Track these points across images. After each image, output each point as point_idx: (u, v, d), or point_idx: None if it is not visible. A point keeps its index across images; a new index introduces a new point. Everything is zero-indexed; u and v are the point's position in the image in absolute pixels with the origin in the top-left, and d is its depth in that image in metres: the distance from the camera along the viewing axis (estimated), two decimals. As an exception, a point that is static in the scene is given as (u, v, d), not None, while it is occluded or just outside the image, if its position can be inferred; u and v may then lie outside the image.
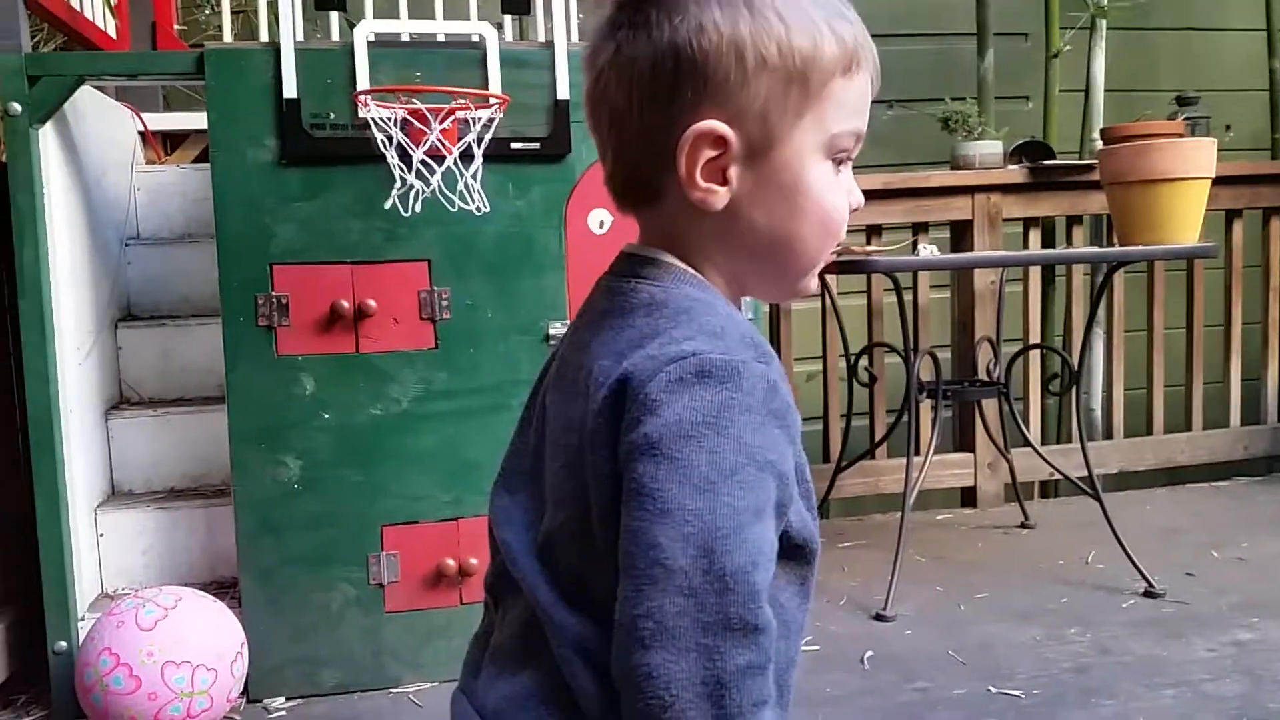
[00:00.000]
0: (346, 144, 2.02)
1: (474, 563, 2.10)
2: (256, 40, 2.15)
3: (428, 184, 1.97)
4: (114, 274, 2.42)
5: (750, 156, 0.72)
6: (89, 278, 2.24)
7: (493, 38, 2.05)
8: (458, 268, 2.09)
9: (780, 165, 0.72)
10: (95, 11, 2.56)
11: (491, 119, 1.99)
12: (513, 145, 2.07)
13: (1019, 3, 3.75)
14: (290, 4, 1.99)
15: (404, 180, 1.97)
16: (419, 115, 1.93)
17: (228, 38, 2.35)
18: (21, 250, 1.97)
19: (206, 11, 3.20)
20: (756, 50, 0.69)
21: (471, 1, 2.24)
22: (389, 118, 1.94)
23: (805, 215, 0.73)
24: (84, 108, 2.23)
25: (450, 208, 2.00)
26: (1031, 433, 3.14)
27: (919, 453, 2.63)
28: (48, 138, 2.02)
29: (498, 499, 0.79)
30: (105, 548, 2.21)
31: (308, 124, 2.01)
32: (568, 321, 1.63)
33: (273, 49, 2.00)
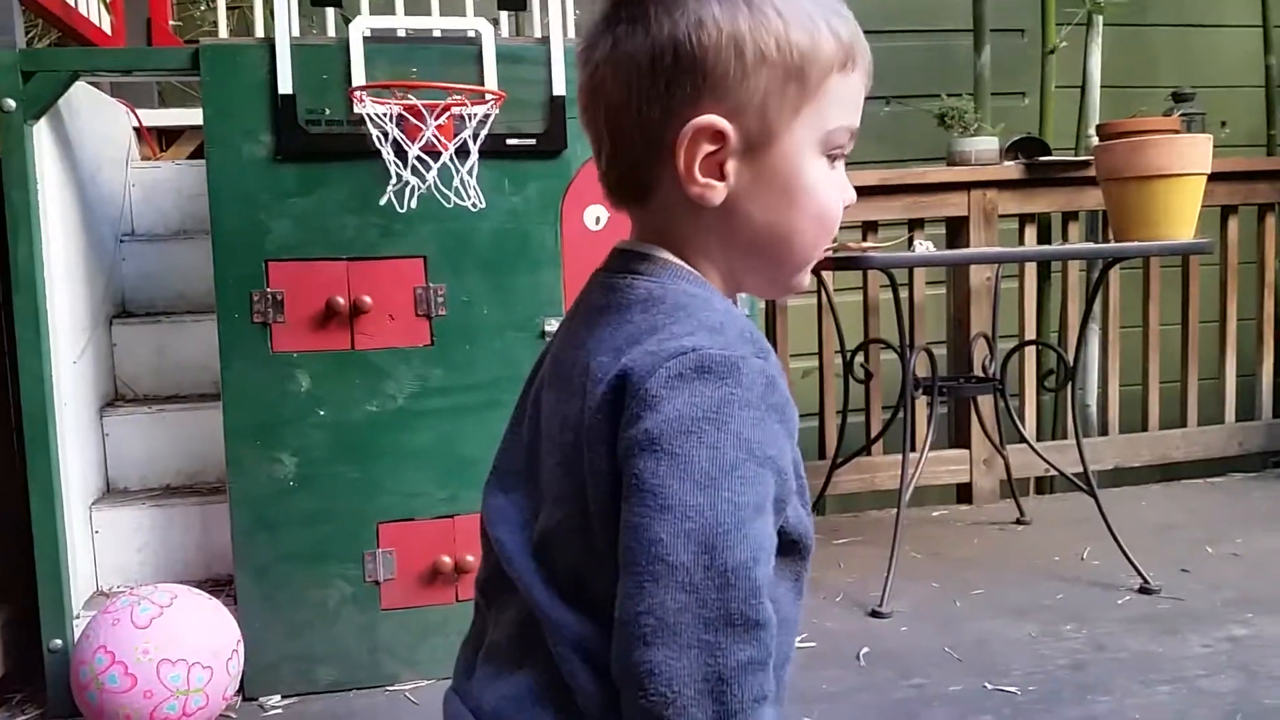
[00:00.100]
0: (342, 140, 2.01)
1: (470, 559, 2.10)
2: (252, 36, 2.15)
3: (423, 180, 1.97)
4: (109, 270, 2.41)
5: (748, 151, 0.71)
6: (84, 274, 2.24)
7: (488, 34, 2.05)
8: (453, 264, 2.09)
9: (778, 160, 0.72)
10: (90, 7, 2.55)
11: (487, 115, 1.98)
12: (508, 141, 2.07)
13: (1015, -1, 3.75)
14: (285, 0, 1.98)
15: (400, 176, 1.97)
16: (415, 111, 1.93)
17: (223, 33, 2.35)
18: (16, 246, 1.96)
19: (202, 7, 3.20)
20: (756, 45, 0.69)
21: (467, -3, 2.24)
22: (385, 114, 1.94)
23: (802, 210, 0.73)
24: (79, 104, 2.22)
25: (446, 204, 2.00)
26: (1027, 429, 3.14)
27: (915, 449, 2.63)
28: (42, 134, 2.01)
29: (491, 498, 0.79)
30: (100, 545, 2.21)
31: (303, 120, 2.00)
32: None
33: (268, 45, 1.99)
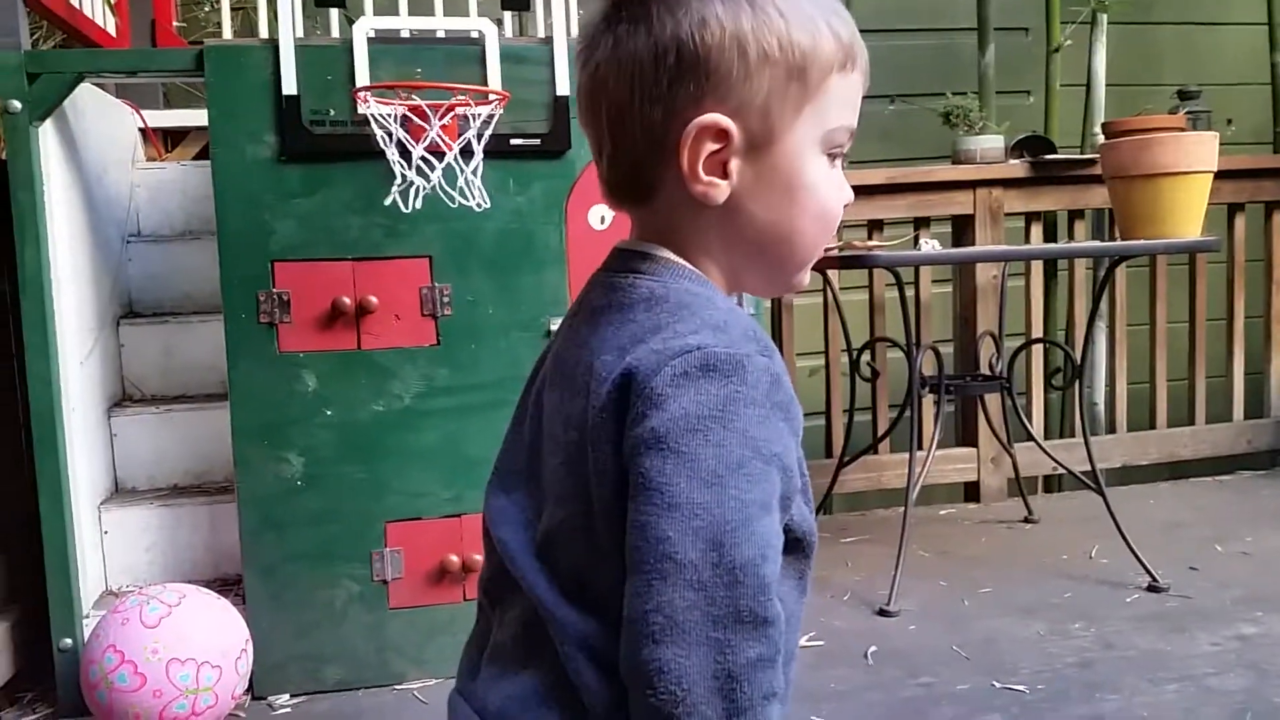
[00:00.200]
0: (346, 140, 2.02)
1: (477, 558, 2.10)
2: (256, 37, 2.15)
3: (428, 180, 1.97)
4: (115, 271, 2.42)
5: (751, 150, 0.72)
6: (90, 275, 2.24)
7: (492, 34, 2.05)
8: (459, 264, 2.09)
9: (780, 159, 0.72)
10: (95, 9, 2.56)
11: (491, 115, 1.98)
12: (513, 141, 2.07)
13: (1020, -3, 3.75)
14: (290, 1, 1.98)
15: (404, 177, 1.97)
16: (419, 112, 1.93)
17: (227, 34, 2.35)
18: (22, 248, 1.97)
19: (206, 8, 3.20)
20: (759, 45, 0.69)
21: (471, -3, 2.24)
22: (389, 114, 1.94)
23: (804, 209, 0.73)
24: (84, 105, 2.23)
25: (451, 204, 2.00)
26: (1034, 427, 3.14)
27: (921, 448, 2.62)
28: (48, 135, 2.02)
29: (493, 498, 0.79)
30: (109, 545, 2.22)
31: (308, 120, 2.01)
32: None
33: (272, 46, 2.00)
